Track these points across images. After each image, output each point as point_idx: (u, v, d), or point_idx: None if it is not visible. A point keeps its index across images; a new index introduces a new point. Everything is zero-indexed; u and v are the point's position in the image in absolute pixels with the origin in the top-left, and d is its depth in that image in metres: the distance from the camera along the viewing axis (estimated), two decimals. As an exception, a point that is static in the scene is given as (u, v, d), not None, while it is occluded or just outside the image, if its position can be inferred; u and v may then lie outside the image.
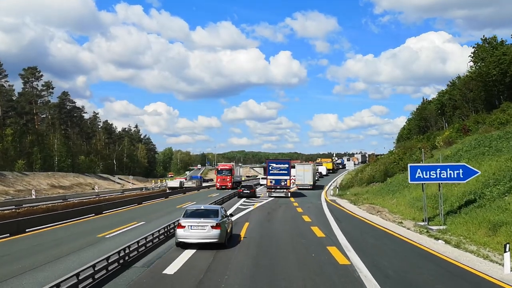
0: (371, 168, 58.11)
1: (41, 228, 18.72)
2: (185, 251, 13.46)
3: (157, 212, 26.27)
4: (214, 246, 13.73)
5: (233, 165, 65.66)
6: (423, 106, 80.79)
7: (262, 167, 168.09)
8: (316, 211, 27.38)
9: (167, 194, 44.50)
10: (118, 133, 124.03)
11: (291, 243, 15.56)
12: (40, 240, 15.83)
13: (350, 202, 35.84)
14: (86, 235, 16.93)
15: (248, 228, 19.11)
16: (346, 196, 42.53)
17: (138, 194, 51.73)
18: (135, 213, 26.35)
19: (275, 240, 16.11)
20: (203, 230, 13.68)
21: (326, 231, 18.05)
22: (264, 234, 17.67)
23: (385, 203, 31.46)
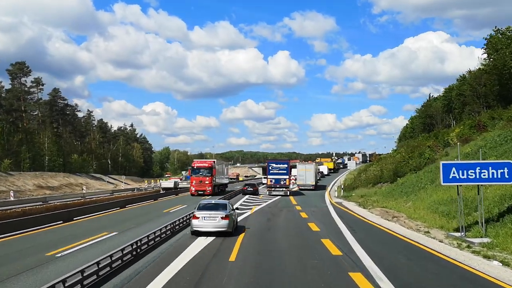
0: (375, 168, 54.34)
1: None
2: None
3: (137, 219, 22.31)
4: (223, 234, 15.82)
5: (214, 163, 44.74)
6: (428, 103, 77.10)
7: (260, 167, 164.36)
8: (323, 217, 23.55)
9: (157, 196, 40.52)
10: (113, 132, 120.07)
11: (298, 265, 11.66)
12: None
13: (359, 205, 32.04)
14: (34, 252, 13.02)
15: (243, 241, 15.20)
16: (352, 198, 38.74)
17: (128, 196, 47.89)
18: (112, 219, 22.42)
19: (277, 262, 12.17)
20: (214, 220, 15.84)
21: (341, 246, 14.18)
22: (263, 251, 13.77)
23: (399, 206, 27.68)
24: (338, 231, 17.74)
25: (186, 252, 13.16)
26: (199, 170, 42.83)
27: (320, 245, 14.42)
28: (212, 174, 42.56)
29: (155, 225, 17.08)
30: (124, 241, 13.38)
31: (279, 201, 35.68)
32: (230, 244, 14.30)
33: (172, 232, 16.87)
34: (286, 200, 37.40)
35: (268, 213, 25.23)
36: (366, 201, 34.12)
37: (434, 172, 31.26)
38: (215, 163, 45.59)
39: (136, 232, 16.70)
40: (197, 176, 42.32)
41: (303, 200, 38.21)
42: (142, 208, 30.09)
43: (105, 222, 20.82)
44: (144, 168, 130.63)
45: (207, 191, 41.40)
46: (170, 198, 40.71)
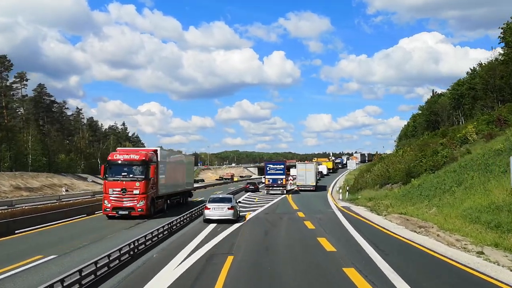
0: (380, 168, 49.56)
1: None
2: None
3: (92, 234, 16.97)
4: (229, 221, 19.31)
5: (154, 154, 24.01)
6: (433, 100, 72.53)
7: (256, 167, 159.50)
8: (334, 228, 18.65)
9: None
10: (104, 130, 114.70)
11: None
12: None
13: (370, 211, 27.17)
14: None
15: (229, 272, 10.20)
16: (360, 201, 33.88)
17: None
18: (64, 233, 17.27)
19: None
20: (222, 210, 19.73)
21: (377, 282, 9.29)
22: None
23: (421, 213, 22.84)
24: (362, 253, 12.82)
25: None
26: (122, 167, 22.10)
27: (345, 281, 9.50)
28: (146, 175, 21.90)
29: (108, 244, 12.22)
30: (54, 271, 8.57)
31: (277, 205, 30.79)
32: (210, 279, 9.37)
33: (132, 256, 11.91)
34: (285, 204, 32.52)
35: (266, 223, 20.28)
36: (377, 205, 29.28)
37: (459, 173, 26.49)
38: (157, 154, 24.01)
39: (80, 255, 11.79)
40: (117, 181, 21.88)
41: (304, 203, 33.35)
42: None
43: (50, 238, 15.68)
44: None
45: (137, 209, 21.41)
46: None
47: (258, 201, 34.63)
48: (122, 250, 11.13)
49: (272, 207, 29.45)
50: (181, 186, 30.27)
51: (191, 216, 21.26)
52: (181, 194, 30.78)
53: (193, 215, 21.72)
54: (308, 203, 33.85)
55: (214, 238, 15.04)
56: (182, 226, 18.46)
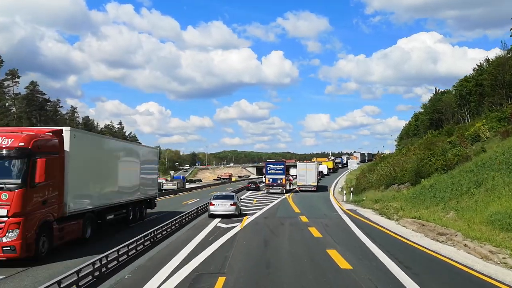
0: (384, 168, 47.10)
1: None
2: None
3: None
4: (231, 216, 21.44)
5: (55, 136, 12.62)
6: (437, 98, 70.09)
7: (254, 167, 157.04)
8: (344, 236, 16.17)
9: None
10: (99, 129, 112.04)
11: None
12: None
13: (379, 214, 24.73)
14: None
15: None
16: (365, 203, 31.40)
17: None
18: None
19: None
20: (225, 206, 21.81)
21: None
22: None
23: (437, 217, 20.40)
24: (384, 271, 10.32)
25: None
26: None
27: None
28: (25, 177, 11.05)
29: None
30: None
31: (277, 208, 28.29)
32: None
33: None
34: (286, 206, 30.03)
35: (265, 229, 17.76)
36: (385, 208, 26.83)
37: (476, 173, 24.01)
38: (62, 137, 12.88)
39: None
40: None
41: (306, 205, 30.87)
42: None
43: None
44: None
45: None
46: None
47: (256, 203, 32.13)
48: (82, 272, 8.62)
49: (271, 210, 26.96)
50: (132, 193, 19.20)
51: (181, 222, 18.75)
52: (133, 206, 19.44)
53: (183, 220, 19.21)
54: (310, 205, 31.38)
55: (204, 251, 12.56)
56: (168, 234, 15.96)
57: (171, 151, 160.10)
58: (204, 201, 29.21)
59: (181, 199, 38.28)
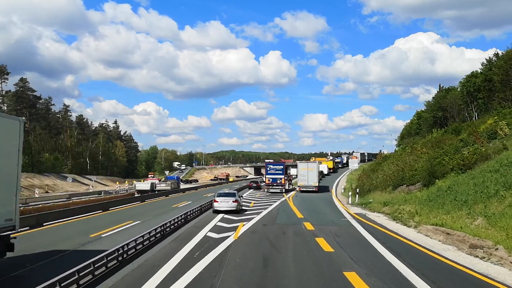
0: (390, 167, 44.15)
1: None
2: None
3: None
4: (233, 212, 23.31)
5: None
6: (441, 95, 67.22)
7: (252, 167, 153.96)
8: (361, 250, 13.12)
9: (107, 206, 28.04)
10: (94, 128, 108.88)
11: None
12: None
13: (393, 220, 21.73)
14: None
15: None
16: (373, 206, 28.39)
17: (88, 201, 37.49)
18: None
19: None
20: (227, 203, 23.71)
21: None
22: None
23: (464, 225, 17.45)
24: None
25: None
26: None
27: None
28: None
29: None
30: None
31: (277, 212, 25.22)
32: None
33: None
34: (287, 209, 26.96)
35: (264, 241, 14.71)
36: (398, 212, 23.86)
37: (503, 173, 20.90)
38: None
39: None
40: None
41: (309, 208, 27.84)
42: (59, 229, 19.23)
43: None
44: (129, 168, 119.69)
45: None
46: (124, 208, 29.39)
47: (254, 206, 29.08)
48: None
49: (271, 214, 23.89)
50: None
51: (164, 231, 15.68)
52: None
53: (166, 229, 16.14)
54: (313, 208, 28.36)
55: (185, 275, 9.51)
56: (145, 249, 12.90)
57: (168, 151, 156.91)
58: (197, 204, 26.18)
59: (172, 201, 35.20)
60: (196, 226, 18.44)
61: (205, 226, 18.02)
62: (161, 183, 54.22)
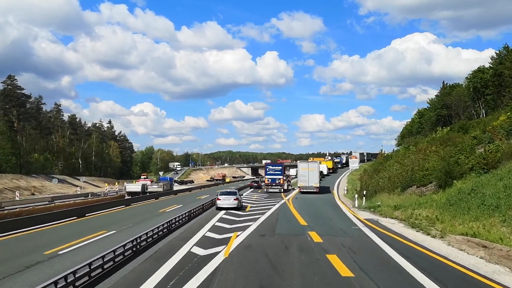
0: (396, 167, 41.11)
1: None
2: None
3: None
4: (234, 209, 25.34)
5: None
6: (445, 92, 64.26)
7: (249, 167, 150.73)
8: (391, 276, 9.92)
9: (83, 212, 24.12)
10: (86, 128, 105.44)
11: None
12: None
13: (411, 227, 18.59)
14: None
15: None
16: (384, 210, 25.23)
17: (71, 205, 34.40)
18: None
19: None
20: (229, 200, 25.86)
21: None
22: None
23: (504, 236, 14.44)
24: None
25: None
26: None
27: None
28: None
29: None
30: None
31: (277, 218, 22.02)
32: None
33: None
34: (287, 214, 23.75)
35: (262, 260, 11.51)
36: (414, 217, 20.81)
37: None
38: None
39: None
40: None
41: (312, 212, 24.71)
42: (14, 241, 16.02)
43: None
44: (124, 169, 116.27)
45: None
46: (100, 214, 25.99)
47: (250, 210, 25.90)
48: None
49: (270, 221, 20.71)
50: None
51: (137, 247, 12.49)
52: None
53: (140, 243, 12.93)
54: (317, 212, 25.22)
55: None
56: (106, 273, 9.70)
57: (163, 151, 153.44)
58: (187, 207, 23.01)
59: (161, 205, 31.93)
60: (181, 237, 15.25)
61: (191, 238, 14.85)
62: (152, 185, 50.97)
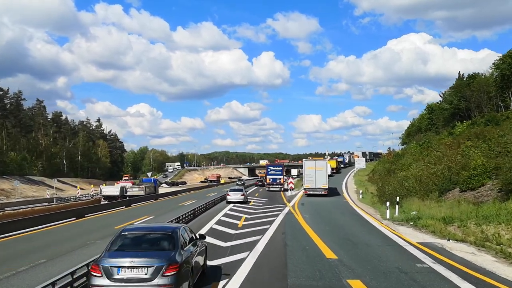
0: (419, 167, 33.53)
1: None
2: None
3: None
4: (241, 203, 29.69)
5: None
6: (464, 83, 56.72)
7: (246, 168, 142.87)
8: None
9: (23, 225, 16.80)
10: (73, 126, 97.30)
11: None
12: None
13: (507, 260, 10.85)
14: None
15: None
16: (432, 226, 17.41)
17: (23, 213, 26.73)
18: None
19: None
20: (237, 196, 30.56)
21: None
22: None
23: None
24: None
25: None
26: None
27: None
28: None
29: None
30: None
31: (284, 243, 14.12)
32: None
33: None
34: (298, 236, 15.66)
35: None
36: (496, 240, 13.15)
37: None
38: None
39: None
40: None
41: (334, 230, 16.95)
42: None
43: None
44: (114, 170, 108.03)
45: None
46: (26, 234, 18.22)
47: (243, 228, 18.10)
48: None
49: (273, 249, 12.89)
50: None
51: None
52: None
53: None
54: (338, 228, 17.46)
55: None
56: None
57: (156, 151, 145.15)
58: (163, 218, 15.24)
59: (126, 216, 23.91)
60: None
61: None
62: (133, 188, 43.10)
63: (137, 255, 6.87)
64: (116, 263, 6.70)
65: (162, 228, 8.50)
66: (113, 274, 6.58)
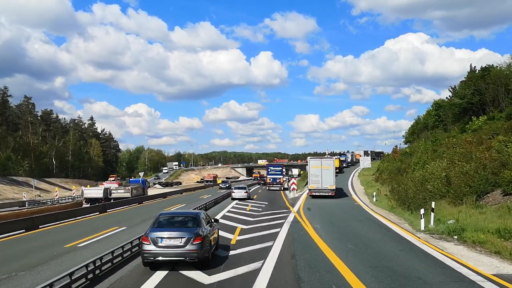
0: (445, 166, 29.06)
1: None
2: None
3: None
4: (245, 199, 32.64)
5: None
6: (477, 75, 52.22)
7: (244, 167, 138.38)
8: None
9: None
10: (64, 124, 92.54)
11: None
12: None
13: None
14: None
15: None
16: (486, 242, 12.94)
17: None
18: None
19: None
20: (241, 193, 33.89)
21: None
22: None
23: None
24: None
25: None
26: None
27: None
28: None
29: None
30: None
31: (293, 268, 9.75)
32: None
33: None
34: (313, 262, 10.94)
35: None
36: None
37: None
38: None
39: None
40: None
41: (349, 239, 12.58)
42: None
43: None
44: (107, 170, 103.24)
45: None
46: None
47: (237, 248, 13.53)
48: None
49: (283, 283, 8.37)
50: None
51: None
52: None
53: None
54: (363, 243, 12.97)
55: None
56: None
57: (152, 151, 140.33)
58: (129, 235, 10.82)
59: (93, 226, 19.21)
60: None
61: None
62: (118, 189, 38.47)
63: (174, 230, 9.88)
64: (159, 235, 9.65)
65: (188, 213, 12.00)
66: (158, 243, 9.56)
